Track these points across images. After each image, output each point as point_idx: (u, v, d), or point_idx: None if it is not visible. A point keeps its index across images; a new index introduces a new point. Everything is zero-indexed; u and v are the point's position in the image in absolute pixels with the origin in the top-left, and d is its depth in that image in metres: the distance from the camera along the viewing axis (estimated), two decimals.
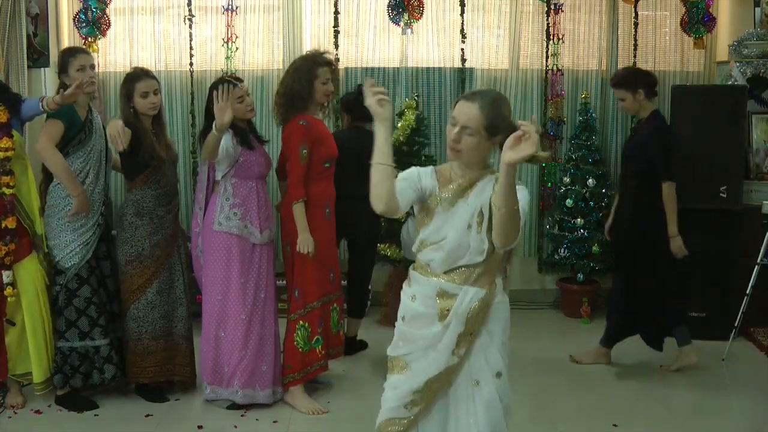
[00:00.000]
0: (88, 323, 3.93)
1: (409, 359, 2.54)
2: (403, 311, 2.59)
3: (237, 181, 3.92)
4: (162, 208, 4.00)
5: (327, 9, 5.69)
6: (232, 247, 3.91)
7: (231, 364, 3.95)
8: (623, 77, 4.54)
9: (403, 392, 2.53)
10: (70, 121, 3.88)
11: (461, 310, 2.45)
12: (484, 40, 5.84)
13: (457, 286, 2.47)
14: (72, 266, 3.92)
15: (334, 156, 4.05)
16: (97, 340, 3.95)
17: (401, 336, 2.59)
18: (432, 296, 2.51)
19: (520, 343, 4.87)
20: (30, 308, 3.93)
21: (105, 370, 3.97)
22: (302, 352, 3.98)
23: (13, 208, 3.87)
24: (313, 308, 3.99)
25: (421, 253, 2.54)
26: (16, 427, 3.81)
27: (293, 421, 3.88)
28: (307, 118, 3.94)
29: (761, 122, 5.46)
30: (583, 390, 4.32)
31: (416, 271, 2.58)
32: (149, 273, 3.98)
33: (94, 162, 3.96)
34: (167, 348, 4.06)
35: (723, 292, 5.10)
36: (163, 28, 5.67)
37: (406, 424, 2.56)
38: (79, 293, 3.92)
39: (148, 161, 3.91)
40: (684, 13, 5.84)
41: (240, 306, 3.92)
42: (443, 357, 2.47)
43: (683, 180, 5.12)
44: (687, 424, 3.88)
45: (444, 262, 2.48)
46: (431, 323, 2.50)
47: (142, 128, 3.93)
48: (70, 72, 3.93)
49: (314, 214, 3.93)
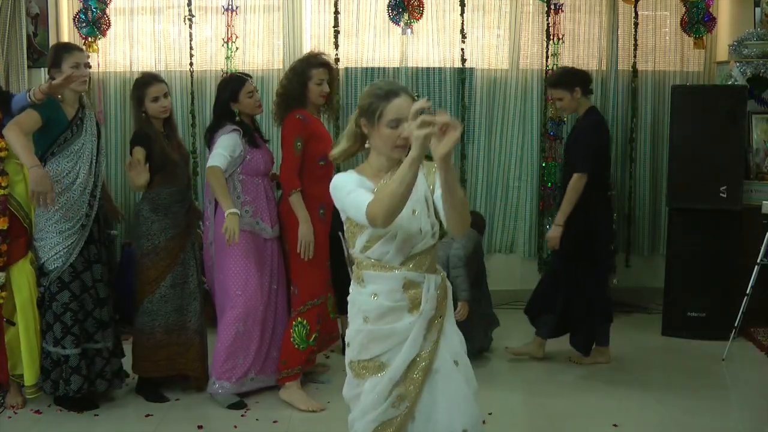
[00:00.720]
0: (60, 330, 3.83)
1: (386, 358, 2.48)
2: (364, 312, 2.51)
3: (245, 178, 4.02)
4: (177, 205, 4.09)
5: (327, 9, 5.69)
6: (247, 243, 3.98)
7: (248, 356, 4.03)
8: (560, 77, 4.59)
9: (383, 388, 2.45)
10: (51, 117, 3.76)
11: (431, 295, 2.47)
12: (484, 40, 5.84)
13: (421, 274, 2.48)
14: (55, 269, 3.84)
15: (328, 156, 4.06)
16: (68, 348, 3.84)
17: (370, 337, 2.50)
18: (398, 289, 2.47)
19: (519, 343, 4.88)
20: (23, 310, 3.89)
21: (71, 381, 3.83)
22: (299, 349, 4.02)
23: (5, 210, 3.84)
24: (313, 306, 4.03)
25: (369, 250, 2.48)
26: (16, 427, 3.81)
27: (293, 421, 3.88)
28: (304, 113, 4.00)
29: (761, 122, 5.46)
30: (583, 390, 4.32)
31: (368, 269, 2.51)
32: (164, 265, 4.04)
33: (84, 162, 3.87)
34: (179, 342, 4.10)
35: (723, 292, 5.10)
36: (163, 28, 5.67)
37: (398, 423, 2.46)
38: (58, 297, 3.84)
39: (160, 165, 3.98)
40: (684, 13, 5.84)
41: (258, 299, 4.03)
42: (416, 342, 2.45)
43: (683, 180, 5.17)
44: (687, 424, 3.87)
45: (399, 251, 2.46)
46: (401, 316, 2.47)
47: (154, 132, 4.01)
48: (63, 68, 3.83)
49: (308, 214, 3.96)
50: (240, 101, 4.06)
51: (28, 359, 3.91)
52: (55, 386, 3.88)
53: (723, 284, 5.11)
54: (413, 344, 2.45)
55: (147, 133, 4.00)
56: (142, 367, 4.10)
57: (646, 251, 6.00)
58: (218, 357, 4.02)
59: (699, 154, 5.12)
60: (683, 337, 5.17)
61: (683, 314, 5.21)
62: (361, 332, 2.51)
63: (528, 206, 5.90)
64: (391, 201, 2.26)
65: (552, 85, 4.63)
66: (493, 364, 4.72)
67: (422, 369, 2.45)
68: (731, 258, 5.10)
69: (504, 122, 5.87)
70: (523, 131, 5.86)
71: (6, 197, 3.85)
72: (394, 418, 2.47)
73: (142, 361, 4.09)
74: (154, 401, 4.08)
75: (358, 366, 2.55)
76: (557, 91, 4.53)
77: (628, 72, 5.87)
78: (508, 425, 3.85)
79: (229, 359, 4.00)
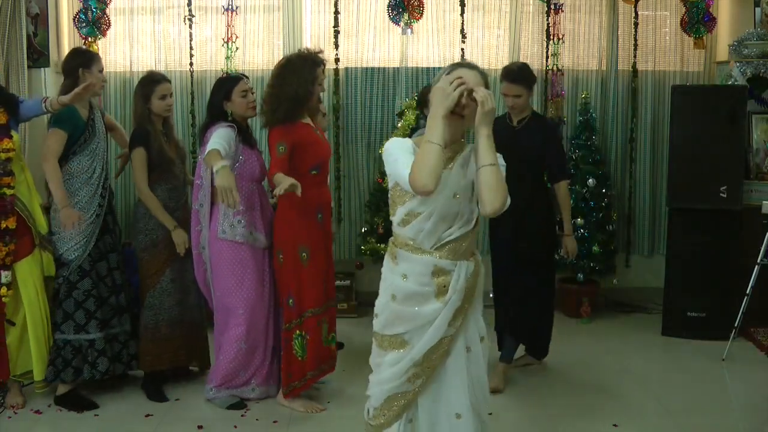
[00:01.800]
0: (84, 316, 3.98)
1: (408, 336, 2.56)
2: (393, 289, 2.57)
3: (240, 184, 3.82)
4: (173, 202, 4.15)
5: (327, 9, 5.69)
6: (245, 258, 3.93)
7: (249, 369, 4.03)
8: (522, 72, 4.16)
9: (403, 366, 2.54)
10: (73, 127, 3.97)
11: (460, 286, 2.50)
12: (484, 40, 5.84)
13: (452, 262, 2.51)
14: (75, 258, 3.99)
15: (320, 162, 3.90)
16: (92, 333, 3.99)
17: (395, 315, 2.57)
18: (427, 274, 2.51)
19: None
20: (31, 306, 3.95)
21: (98, 363, 3.98)
22: (302, 360, 3.92)
23: (14, 209, 3.89)
24: (311, 315, 3.90)
25: (408, 225, 2.52)
26: (16, 427, 3.81)
27: (293, 421, 3.88)
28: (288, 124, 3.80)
29: (761, 122, 5.46)
30: (583, 390, 4.32)
31: (402, 248, 2.56)
32: (163, 258, 4.10)
33: (99, 159, 4.06)
34: (183, 335, 4.17)
35: (723, 292, 5.10)
36: (163, 28, 5.67)
37: (410, 396, 2.57)
38: (79, 285, 3.99)
39: (157, 162, 4.05)
40: (684, 13, 5.84)
41: (262, 314, 4.01)
42: (441, 329, 2.52)
43: (683, 180, 5.17)
44: (687, 424, 3.88)
45: (432, 233, 2.49)
46: (427, 301, 2.53)
47: (153, 129, 4.08)
48: (92, 69, 4.02)
49: (305, 219, 3.86)
50: (233, 100, 3.98)
51: (37, 355, 3.96)
52: (77, 372, 3.97)
53: (723, 284, 5.11)
54: (437, 330, 2.52)
55: (147, 130, 4.06)
56: (147, 362, 4.13)
57: (646, 251, 6.00)
58: (219, 370, 4.01)
59: (699, 154, 5.12)
60: (683, 337, 5.18)
61: (683, 314, 5.21)
62: (388, 308, 2.59)
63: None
64: (424, 161, 2.36)
65: (512, 79, 4.11)
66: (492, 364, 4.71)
67: (441, 353, 2.54)
68: (731, 258, 5.10)
69: None
70: None
71: (14, 196, 3.89)
72: (408, 391, 2.57)
73: (147, 356, 4.11)
74: (155, 400, 4.09)
75: (381, 338, 2.63)
76: (517, 87, 4.10)
77: (628, 72, 5.87)
78: (508, 425, 3.85)
79: (228, 371, 3.99)
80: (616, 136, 5.86)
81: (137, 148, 4.04)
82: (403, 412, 2.59)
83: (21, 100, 4.03)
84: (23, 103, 3.99)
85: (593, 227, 5.58)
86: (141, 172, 4.05)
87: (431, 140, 2.37)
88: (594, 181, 5.58)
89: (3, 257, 3.85)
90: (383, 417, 2.61)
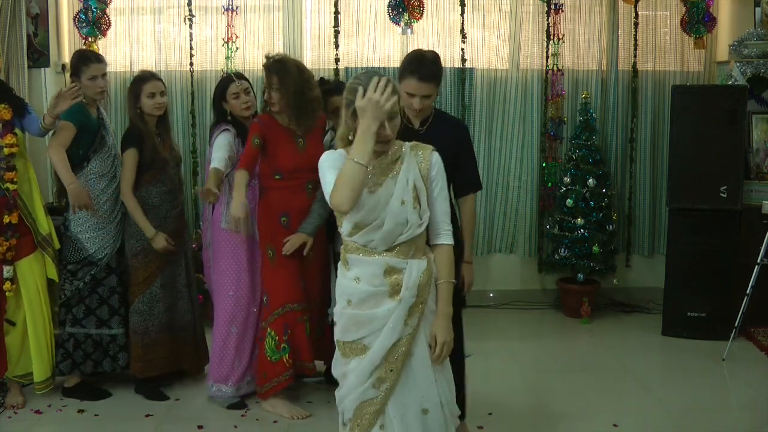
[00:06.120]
0: (108, 312, 4.06)
1: (368, 341, 2.55)
2: (347, 295, 2.59)
3: None
4: (167, 205, 4.11)
5: (327, 9, 5.69)
6: (239, 245, 3.97)
7: (243, 357, 4.01)
8: (437, 66, 3.27)
9: (364, 371, 2.54)
10: (83, 122, 3.96)
11: (412, 283, 2.51)
12: (485, 40, 5.84)
13: (403, 260, 2.52)
14: (105, 256, 4.04)
15: (283, 171, 3.83)
16: (115, 329, 4.08)
17: (352, 320, 2.58)
18: (379, 275, 2.53)
19: (520, 342, 4.89)
20: (32, 307, 3.96)
21: (119, 358, 4.09)
22: (271, 361, 3.85)
23: (16, 204, 3.90)
24: (278, 315, 3.84)
25: (356, 236, 2.54)
26: (16, 427, 3.81)
27: (293, 421, 3.87)
28: (264, 119, 3.88)
29: (761, 122, 5.46)
30: (583, 390, 4.32)
31: (353, 253, 2.57)
32: (154, 267, 4.07)
33: (118, 158, 4.10)
34: (172, 340, 4.15)
35: (723, 292, 5.10)
36: (163, 28, 5.67)
37: (379, 402, 2.55)
38: (105, 282, 4.06)
39: (149, 162, 4.01)
40: (684, 13, 5.84)
41: (251, 300, 4.01)
42: (396, 329, 2.52)
43: (683, 180, 5.17)
44: (687, 424, 3.88)
45: (384, 240, 2.52)
46: (381, 301, 2.53)
47: (146, 129, 4.04)
48: (82, 79, 4.01)
49: (269, 222, 3.87)
50: (228, 102, 4.06)
51: (37, 356, 3.97)
52: (96, 365, 4.06)
53: (723, 284, 5.10)
54: (392, 330, 2.52)
55: (139, 130, 4.03)
56: (138, 368, 4.09)
57: (646, 251, 6.00)
58: (214, 359, 4.02)
59: (699, 154, 5.11)
60: (683, 337, 5.17)
61: (683, 314, 5.20)
62: (344, 315, 2.60)
63: (528, 206, 5.90)
64: (344, 180, 2.36)
65: (424, 76, 3.18)
66: (493, 365, 4.73)
67: (402, 354, 2.53)
68: (731, 258, 5.10)
69: (504, 122, 5.87)
70: (523, 131, 5.86)
71: (17, 192, 3.89)
72: (375, 398, 2.56)
73: (137, 361, 4.08)
74: (155, 399, 4.09)
75: (343, 346, 2.63)
76: (430, 87, 3.21)
77: (628, 72, 5.87)
78: (508, 425, 3.85)
79: (224, 361, 3.99)
80: (616, 136, 5.86)
81: (129, 149, 4.01)
82: (376, 419, 2.57)
83: (30, 110, 4.04)
84: (31, 114, 4.00)
85: (593, 227, 5.58)
86: (128, 173, 4.00)
87: (355, 159, 2.37)
88: (594, 181, 5.58)
89: (4, 252, 3.86)
90: (357, 428, 2.59)
